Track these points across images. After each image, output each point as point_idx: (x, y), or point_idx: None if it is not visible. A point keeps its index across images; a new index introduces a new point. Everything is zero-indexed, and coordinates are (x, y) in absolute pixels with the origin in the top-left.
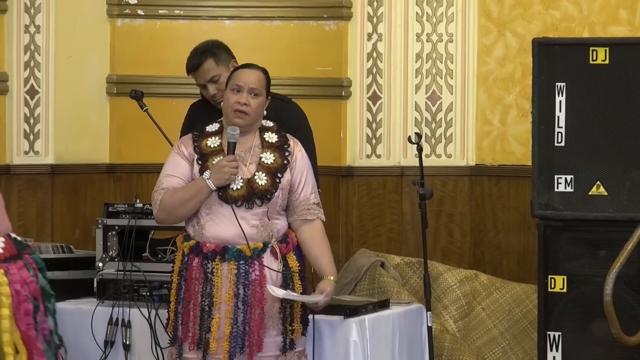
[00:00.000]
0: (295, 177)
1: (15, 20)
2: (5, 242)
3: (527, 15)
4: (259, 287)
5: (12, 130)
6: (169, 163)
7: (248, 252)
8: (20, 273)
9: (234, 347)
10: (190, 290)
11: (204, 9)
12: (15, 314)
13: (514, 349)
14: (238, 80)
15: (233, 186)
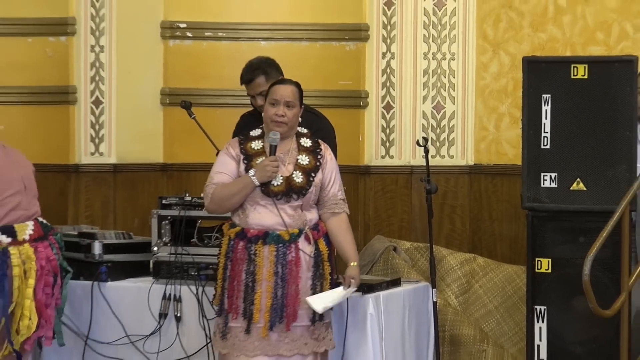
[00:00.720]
0: (326, 177)
1: (83, 41)
2: (35, 225)
3: (518, 37)
4: (294, 266)
5: (80, 135)
6: (219, 162)
7: (286, 236)
8: (45, 251)
9: (274, 317)
10: (235, 269)
11: (243, 32)
12: (36, 285)
13: (506, 321)
14: (275, 95)
15: (274, 182)
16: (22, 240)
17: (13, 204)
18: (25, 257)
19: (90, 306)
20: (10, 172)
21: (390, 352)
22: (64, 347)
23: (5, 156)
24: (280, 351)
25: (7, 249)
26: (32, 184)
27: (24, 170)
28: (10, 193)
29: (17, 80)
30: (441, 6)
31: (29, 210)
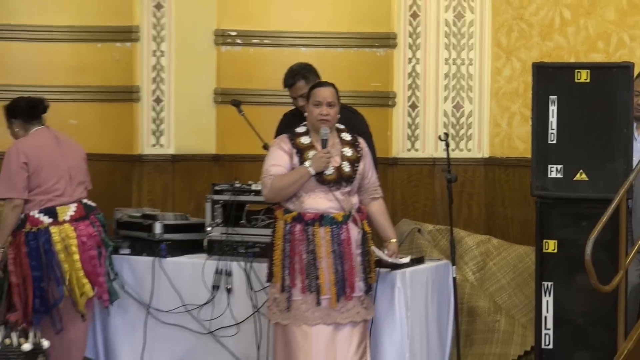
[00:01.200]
0: (366, 166)
1: (146, 46)
2: (77, 207)
3: (528, 45)
4: (347, 245)
5: (143, 129)
6: (273, 156)
7: (339, 218)
8: (86, 229)
9: (339, 290)
10: (295, 249)
11: (285, 39)
12: (82, 258)
13: (517, 294)
14: (317, 97)
15: (327, 172)
16: (62, 221)
17: (58, 192)
18: (65, 235)
19: (152, 279)
20: (57, 163)
21: (415, 321)
22: (129, 314)
23: (57, 147)
24: (337, 320)
25: (48, 228)
26: (78, 172)
27: (73, 160)
28: (54, 182)
29: (89, 81)
30: (460, 18)
31: (72, 197)
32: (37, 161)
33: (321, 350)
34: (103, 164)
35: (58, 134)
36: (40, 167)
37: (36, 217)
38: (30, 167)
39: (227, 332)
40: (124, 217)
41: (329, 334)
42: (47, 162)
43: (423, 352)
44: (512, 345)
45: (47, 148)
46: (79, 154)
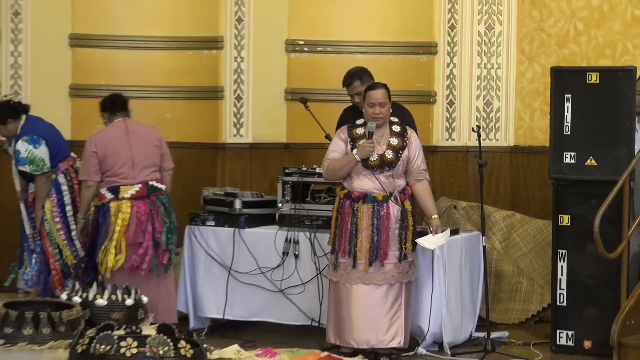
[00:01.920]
0: (411, 153)
1: (229, 53)
2: (140, 187)
3: (547, 52)
4: (385, 220)
5: (226, 122)
6: (333, 143)
7: (380, 197)
8: (144, 207)
9: (372, 256)
10: (344, 220)
11: (345, 47)
12: (133, 230)
13: (536, 260)
14: (371, 99)
15: (371, 158)
16: (122, 198)
17: (122, 175)
18: (119, 209)
19: (233, 246)
20: (122, 151)
21: (451, 283)
22: (214, 274)
23: (125, 137)
24: (374, 281)
25: (109, 204)
26: (143, 159)
27: (138, 148)
28: (119, 166)
29: (181, 82)
30: (490, 29)
31: (135, 179)
32: (104, 150)
33: (360, 306)
34: (193, 150)
35: (132, 126)
36: (107, 155)
37: (102, 193)
38: (99, 155)
39: (295, 291)
40: (209, 195)
41: (367, 292)
42: (112, 151)
43: (457, 308)
44: (532, 302)
45: (115, 139)
46: (147, 143)
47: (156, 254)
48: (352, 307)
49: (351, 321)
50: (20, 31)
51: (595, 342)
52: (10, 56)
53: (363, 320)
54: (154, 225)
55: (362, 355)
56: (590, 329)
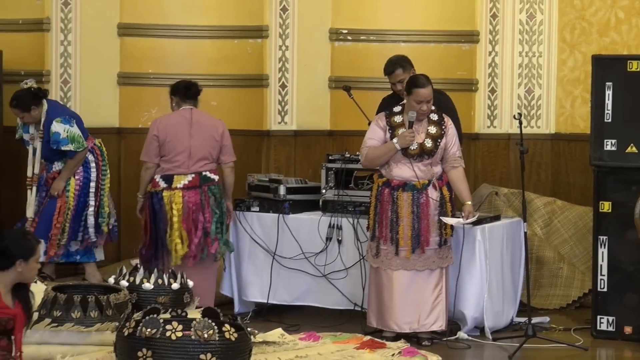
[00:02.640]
0: (448, 141)
1: (274, 42)
2: (193, 178)
3: (589, 40)
4: (425, 207)
5: (271, 110)
6: (371, 130)
7: (419, 186)
8: (194, 197)
9: (415, 244)
10: (383, 208)
11: (387, 36)
12: (184, 220)
13: (577, 247)
14: (419, 96)
15: (411, 147)
16: (175, 187)
17: (177, 163)
18: (173, 199)
19: (277, 232)
20: (181, 140)
21: (493, 269)
22: (258, 259)
23: (187, 127)
24: (415, 267)
25: (162, 192)
26: (200, 150)
27: (198, 140)
28: (175, 154)
29: (227, 70)
30: (532, 18)
31: (189, 169)
32: (165, 135)
33: (402, 291)
34: (238, 138)
35: (197, 116)
36: (166, 141)
37: (157, 180)
38: (160, 139)
39: (338, 276)
40: (254, 181)
41: (409, 278)
42: (172, 138)
43: (499, 294)
44: (572, 288)
45: (177, 126)
46: (208, 136)
47: (206, 243)
48: (394, 293)
49: (393, 306)
50: (70, 21)
51: (635, 328)
52: (60, 45)
53: (405, 305)
54: (204, 215)
55: (404, 340)
56: (630, 314)
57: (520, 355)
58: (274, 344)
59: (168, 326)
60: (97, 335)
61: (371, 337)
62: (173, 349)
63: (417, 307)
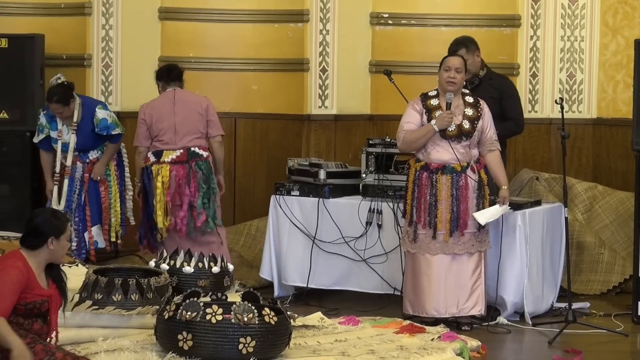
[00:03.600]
0: (485, 124)
1: (314, 26)
2: (182, 153)
3: (631, 25)
4: (464, 190)
5: (311, 94)
6: (407, 114)
7: (458, 168)
8: (182, 171)
9: (453, 227)
10: (421, 192)
11: (429, 20)
12: (170, 192)
13: (618, 232)
14: (447, 63)
15: (449, 129)
16: (163, 162)
17: (164, 140)
18: (161, 173)
19: (317, 216)
20: (166, 119)
21: (533, 253)
22: (298, 243)
23: (170, 106)
24: (454, 250)
25: (151, 167)
26: (186, 125)
27: (182, 116)
28: (162, 134)
29: (268, 54)
30: (574, 2)
31: (176, 145)
32: (151, 118)
33: (441, 276)
34: (278, 122)
35: (181, 95)
36: (153, 122)
37: (148, 156)
38: (147, 122)
39: (377, 260)
40: (294, 165)
41: (448, 262)
42: (157, 119)
43: (539, 279)
44: (613, 274)
45: (161, 107)
46: (192, 111)
47: (192, 216)
48: (433, 277)
49: (432, 291)
50: (111, 5)
51: None
52: (101, 29)
53: (445, 289)
54: (190, 188)
55: (443, 325)
56: None
57: (560, 341)
58: (314, 328)
59: (208, 309)
60: (137, 319)
61: (410, 322)
62: (213, 332)
63: (456, 292)
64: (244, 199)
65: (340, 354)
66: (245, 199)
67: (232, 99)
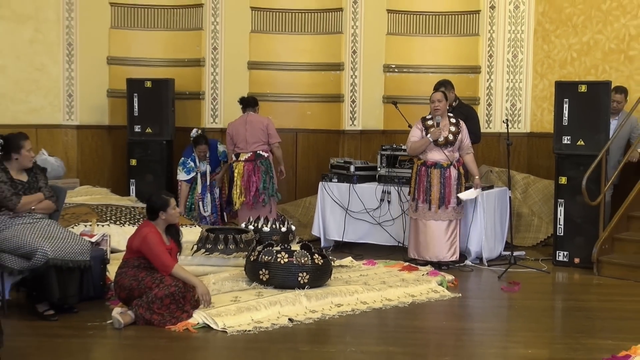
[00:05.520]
0: (463, 136)
1: (347, 73)
2: (251, 155)
3: (553, 72)
4: (449, 179)
5: (345, 117)
6: (413, 131)
7: (445, 165)
8: (250, 166)
9: (441, 202)
10: (421, 180)
11: (421, 68)
12: (244, 180)
13: (544, 206)
14: (433, 97)
15: (439, 139)
16: (240, 160)
17: (241, 147)
18: (238, 168)
19: (348, 195)
20: (240, 133)
21: (489, 220)
22: (336, 212)
23: (244, 125)
24: (441, 218)
25: (234, 164)
26: (253, 137)
27: (250, 131)
28: (238, 142)
29: (317, 91)
30: (515, 57)
31: (247, 149)
32: (231, 132)
33: (433, 233)
34: (324, 134)
35: (250, 117)
36: (233, 135)
37: (232, 157)
38: (230, 134)
39: (388, 223)
40: (334, 162)
41: (437, 225)
42: (235, 133)
43: (492, 236)
44: (540, 233)
45: (238, 126)
46: (256, 128)
47: (256, 195)
48: (427, 235)
49: (427, 244)
50: (217, 59)
51: (582, 259)
52: (210, 75)
53: (434, 243)
54: (255, 177)
55: (430, 265)
56: (579, 250)
57: (505, 276)
58: (346, 267)
59: (279, 255)
60: (234, 260)
61: (409, 264)
62: (281, 269)
63: (441, 245)
64: (302, 183)
65: (363, 283)
66: (303, 184)
67: (294, 120)
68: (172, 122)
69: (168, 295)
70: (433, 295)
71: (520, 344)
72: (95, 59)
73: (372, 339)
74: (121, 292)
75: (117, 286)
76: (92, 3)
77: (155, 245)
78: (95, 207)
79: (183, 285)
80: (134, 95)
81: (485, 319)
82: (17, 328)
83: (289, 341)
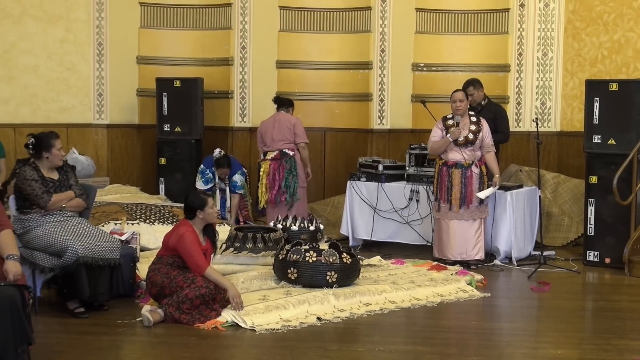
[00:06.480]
0: (484, 135)
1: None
2: (277, 153)
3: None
4: (470, 178)
5: (374, 115)
6: (433, 132)
7: (466, 165)
8: (276, 165)
9: (462, 202)
10: (442, 180)
11: (450, 67)
12: (269, 179)
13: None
14: (453, 97)
15: (459, 139)
16: (266, 159)
17: (267, 145)
18: (265, 166)
19: (377, 194)
20: (269, 131)
21: (518, 219)
22: (365, 211)
23: (272, 123)
24: (464, 217)
25: (261, 162)
26: (279, 135)
27: (277, 130)
28: (267, 140)
29: (345, 90)
30: (545, 55)
31: (273, 148)
32: (261, 131)
33: (456, 233)
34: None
35: (280, 116)
36: (262, 133)
37: (260, 156)
38: (260, 133)
39: (416, 222)
40: (363, 161)
41: (459, 225)
42: (264, 131)
43: (522, 235)
44: (570, 232)
45: (267, 124)
46: (283, 127)
47: (279, 193)
48: (450, 235)
49: (450, 243)
50: (245, 59)
51: (613, 259)
52: (239, 74)
53: (458, 242)
54: (280, 175)
55: (458, 264)
56: (609, 250)
57: (535, 276)
58: (375, 266)
59: (307, 254)
60: (262, 259)
61: (437, 263)
62: (310, 268)
63: (466, 244)
64: (331, 182)
65: (391, 283)
66: (331, 183)
67: (323, 119)
68: (200, 121)
69: (198, 297)
70: (462, 295)
71: (550, 344)
72: (125, 59)
73: (400, 338)
74: (152, 288)
75: (149, 282)
76: (122, 3)
77: (191, 244)
78: (125, 205)
79: (214, 287)
80: (163, 94)
81: (514, 319)
82: (48, 325)
83: (317, 340)
